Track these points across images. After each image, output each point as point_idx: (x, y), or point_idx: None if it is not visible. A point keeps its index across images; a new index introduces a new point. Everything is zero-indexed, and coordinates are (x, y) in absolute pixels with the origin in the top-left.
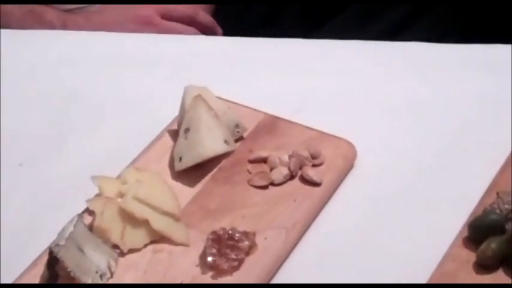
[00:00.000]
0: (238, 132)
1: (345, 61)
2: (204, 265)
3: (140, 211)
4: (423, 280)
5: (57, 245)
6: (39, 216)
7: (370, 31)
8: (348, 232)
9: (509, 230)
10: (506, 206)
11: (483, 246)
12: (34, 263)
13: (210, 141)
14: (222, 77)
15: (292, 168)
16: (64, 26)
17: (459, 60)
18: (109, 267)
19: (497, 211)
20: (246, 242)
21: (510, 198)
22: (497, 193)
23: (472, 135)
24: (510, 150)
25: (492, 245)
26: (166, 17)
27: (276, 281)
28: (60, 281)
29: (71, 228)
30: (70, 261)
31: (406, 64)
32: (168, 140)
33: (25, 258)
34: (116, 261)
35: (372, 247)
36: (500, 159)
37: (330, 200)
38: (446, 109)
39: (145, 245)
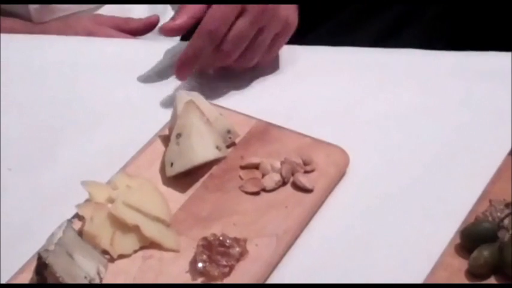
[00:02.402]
0: (230, 138)
1: (337, 68)
2: (194, 271)
3: (130, 217)
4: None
5: (46, 250)
6: (28, 222)
7: (361, 37)
8: (339, 240)
9: (501, 237)
10: (498, 214)
11: (475, 254)
12: (23, 269)
13: (202, 147)
14: (214, 83)
15: (284, 174)
16: None
17: (451, 67)
18: (98, 273)
19: (490, 219)
20: (237, 249)
21: (502, 206)
22: (490, 201)
23: (465, 143)
24: (503, 158)
25: (484, 252)
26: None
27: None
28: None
29: (60, 234)
30: (59, 266)
31: (398, 71)
32: (159, 145)
33: (14, 263)
34: (106, 267)
35: (363, 255)
36: (493, 167)
37: (322, 206)
38: (439, 117)
39: (135, 251)
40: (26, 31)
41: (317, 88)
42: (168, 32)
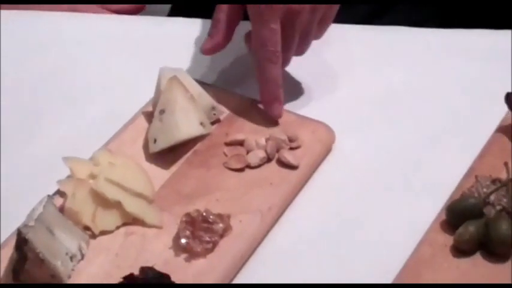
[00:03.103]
0: (214, 114)
1: (325, 45)
2: (177, 247)
3: (112, 193)
4: (400, 264)
5: (26, 226)
6: (8, 198)
7: (351, 14)
8: (324, 217)
9: (487, 214)
10: (484, 190)
11: (461, 229)
12: (3, 245)
13: (186, 123)
14: (198, 59)
15: (269, 151)
16: None
17: (439, 45)
18: (80, 250)
19: (476, 195)
20: (221, 225)
21: (489, 182)
22: (476, 177)
23: (452, 120)
24: (489, 134)
25: (470, 228)
26: None
27: (250, 264)
28: (28, 263)
29: (40, 209)
30: (39, 242)
31: (386, 48)
32: (142, 122)
33: None
34: (87, 244)
35: (348, 231)
36: (480, 144)
37: (307, 183)
38: (426, 94)
39: (118, 228)
40: (10, 7)
41: (302, 64)
42: (208, 52)
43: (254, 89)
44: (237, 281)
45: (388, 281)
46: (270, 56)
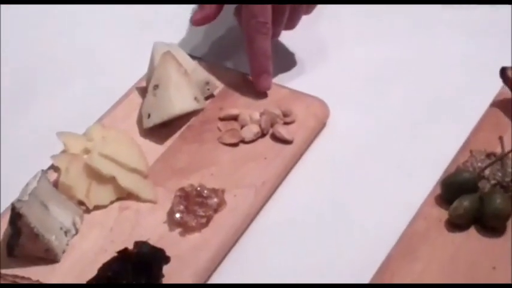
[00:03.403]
0: (208, 89)
1: (320, 20)
2: (171, 222)
3: (106, 168)
4: (395, 238)
5: (20, 200)
6: (2, 173)
7: None
8: (318, 191)
9: (482, 188)
10: (479, 164)
11: (455, 204)
12: None
13: (180, 98)
14: (192, 34)
15: (263, 126)
16: None
17: (434, 20)
18: (74, 224)
19: (470, 169)
20: (215, 199)
21: (483, 157)
22: (471, 151)
23: (447, 94)
24: (485, 109)
25: (464, 203)
26: None
27: (244, 238)
28: (23, 238)
29: (34, 184)
30: (33, 217)
31: (381, 23)
32: (136, 97)
33: None
34: (81, 218)
35: (342, 206)
36: (475, 118)
37: (301, 158)
38: (420, 68)
39: (112, 202)
40: None
41: (297, 40)
42: (197, 22)
43: (248, 65)
44: (231, 255)
45: (384, 254)
46: (259, 27)
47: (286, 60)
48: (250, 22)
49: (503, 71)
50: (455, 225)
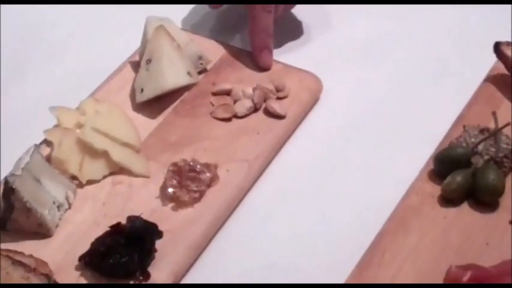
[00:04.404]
0: (201, 64)
1: None
2: (164, 197)
3: (99, 142)
4: (387, 213)
5: (12, 175)
6: None
7: None
8: (311, 166)
9: (475, 163)
10: (472, 140)
11: (448, 179)
12: None
13: (172, 72)
14: (185, 8)
15: (256, 100)
16: None
17: None
18: (67, 199)
19: (464, 144)
20: (208, 174)
21: (477, 132)
22: (464, 126)
23: (440, 69)
24: (478, 84)
25: (457, 178)
26: None
27: (237, 213)
28: (15, 212)
29: (27, 159)
30: (26, 191)
31: None
32: (129, 71)
33: None
34: (74, 193)
35: (335, 181)
36: (468, 93)
37: (294, 133)
38: (414, 43)
39: (105, 177)
40: None
41: (290, 14)
42: None
43: (242, 39)
44: (224, 230)
45: (376, 229)
46: (264, 5)
47: (279, 35)
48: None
49: (497, 46)
50: (448, 200)
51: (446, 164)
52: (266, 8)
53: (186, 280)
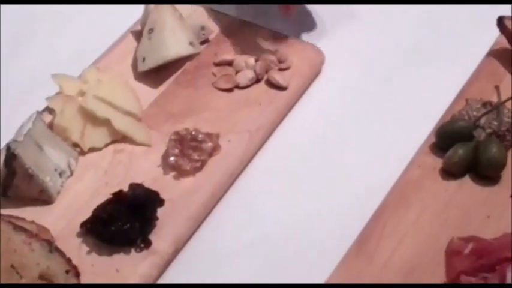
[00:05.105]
0: (203, 34)
1: None
2: (166, 166)
3: (101, 110)
4: (389, 186)
5: (15, 141)
6: None
7: None
8: (312, 138)
9: (477, 137)
10: (475, 113)
11: (450, 152)
12: None
13: (175, 42)
14: None
15: (258, 71)
16: None
17: None
18: (69, 166)
19: (466, 118)
20: (209, 144)
21: (479, 106)
22: (467, 100)
23: (443, 43)
24: (481, 58)
25: (459, 151)
26: None
27: (238, 183)
28: (17, 178)
29: (29, 125)
30: (28, 158)
31: None
32: (131, 41)
33: None
34: (76, 160)
35: (336, 153)
36: (471, 67)
37: (296, 104)
38: (417, 17)
39: (106, 145)
40: None
41: None
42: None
43: (244, 10)
44: (225, 200)
45: (377, 203)
46: None
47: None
48: None
49: (500, 21)
50: (449, 173)
51: (448, 137)
52: None
53: (187, 249)
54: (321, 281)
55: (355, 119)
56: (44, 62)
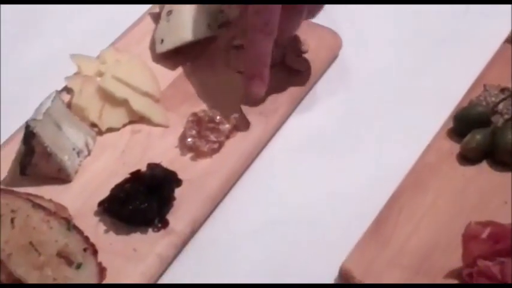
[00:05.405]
0: (222, 17)
1: None
2: (183, 147)
3: (120, 90)
4: (406, 170)
5: (34, 119)
6: (16, 93)
7: None
8: (329, 121)
9: (495, 122)
10: (493, 99)
11: (467, 137)
12: (11, 138)
13: (193, 24)
14: None
15: (275, 55)
16: None
17: None
18: (86, 145)
19: (484, 103)
20: (227, 125)
21: (497, 91)
22: (484, 85)
23: (461, 28)
24: (499, 44)
25: (477, 136)
26: None
27: (255, 165)
28: (36, 157)
29: (48, 104)
30: (47, 136)
31: None
32: (149, 22)
33: (3, 133)
34: (94, 140)
35: (353, 137)
36: (489, 52)
37: (313, 88)
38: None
39: (124, 125)
40: None
41: None
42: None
43: None
44: (242, 181)
45: (394, 187)
46: (261, 27)
47: None
48: (253, 19)
49: None
50: (466, 158)
51: (466, 122)
52: (264, 30)
53: (204, 229)
54: (336, 264)
55: (373, 103)
56: (62, 42)
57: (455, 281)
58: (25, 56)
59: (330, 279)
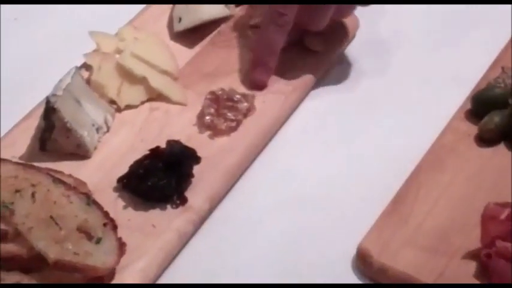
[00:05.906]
0: None
1: None
2: (201, 124)
3: (138, 68)
4: (423, 151)
5: (54, 95)
6: (36, 70)
7: None
8: (346, 100)
9: None
10: (510, 81)
11: (485, 119)
12: (30, 114)
13: (211, 4)
14: None
15: (293, 34)
16: None
17: None
18: (106, 122)
19: (502, 85)
20: (245, 104)
21: None
22: (502, 68)
23: (480, 10)
24: None
25: (495, 118)
26: None
27: (272, 144)
28: (56, 132)
29: (68, 80)
30: (67, 112)
31: None
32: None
33: (22, 109)
34: (113, 117)
35: (371, 116)
36: (507, 34)
37: (331, 68)
38: None
39: (142, 103)
40: None
41: None
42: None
43: None
44: (259, 159)
45: (412, 166)
46: (275, 18)
47: None
48: (269, 10)
49: None
50: (484, 140)
51: (484, 104)
52: (278, 22)
53: (222, 206)
54: (354, 243)
55: (391, 83)
56: (80, 19)
57: (472, 262)
58: (44, 32)
59: (348, 258)
